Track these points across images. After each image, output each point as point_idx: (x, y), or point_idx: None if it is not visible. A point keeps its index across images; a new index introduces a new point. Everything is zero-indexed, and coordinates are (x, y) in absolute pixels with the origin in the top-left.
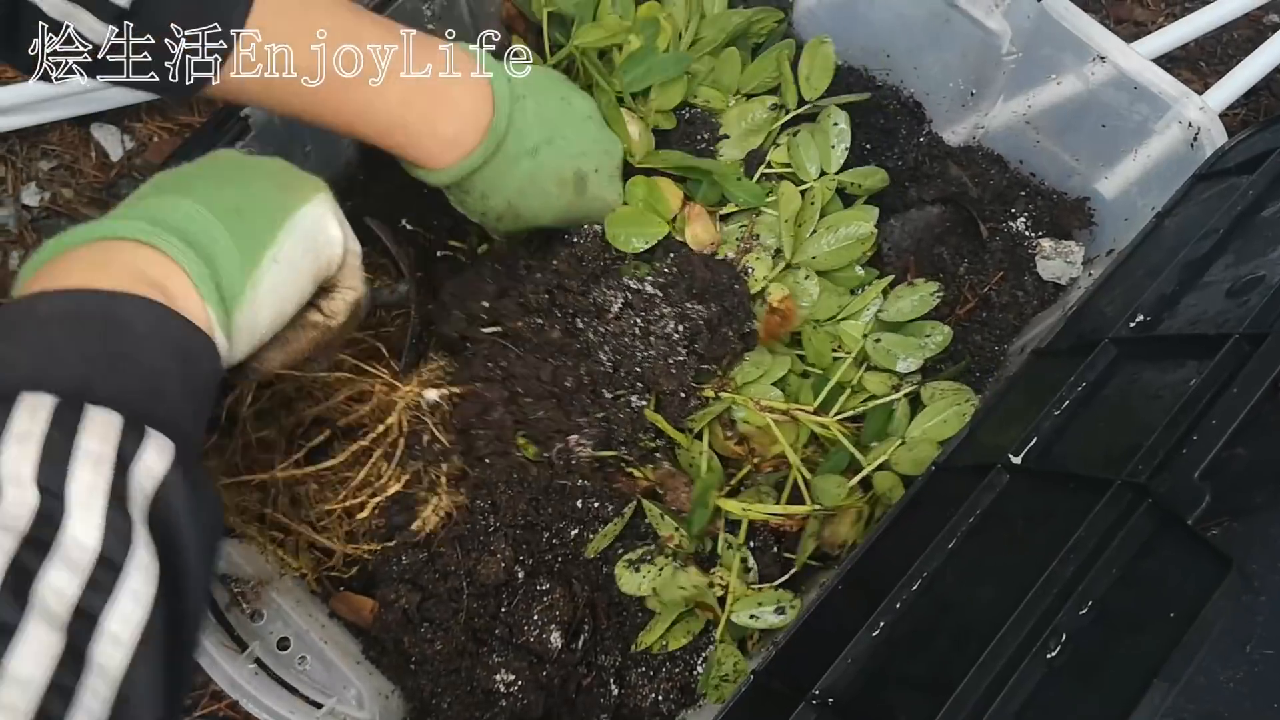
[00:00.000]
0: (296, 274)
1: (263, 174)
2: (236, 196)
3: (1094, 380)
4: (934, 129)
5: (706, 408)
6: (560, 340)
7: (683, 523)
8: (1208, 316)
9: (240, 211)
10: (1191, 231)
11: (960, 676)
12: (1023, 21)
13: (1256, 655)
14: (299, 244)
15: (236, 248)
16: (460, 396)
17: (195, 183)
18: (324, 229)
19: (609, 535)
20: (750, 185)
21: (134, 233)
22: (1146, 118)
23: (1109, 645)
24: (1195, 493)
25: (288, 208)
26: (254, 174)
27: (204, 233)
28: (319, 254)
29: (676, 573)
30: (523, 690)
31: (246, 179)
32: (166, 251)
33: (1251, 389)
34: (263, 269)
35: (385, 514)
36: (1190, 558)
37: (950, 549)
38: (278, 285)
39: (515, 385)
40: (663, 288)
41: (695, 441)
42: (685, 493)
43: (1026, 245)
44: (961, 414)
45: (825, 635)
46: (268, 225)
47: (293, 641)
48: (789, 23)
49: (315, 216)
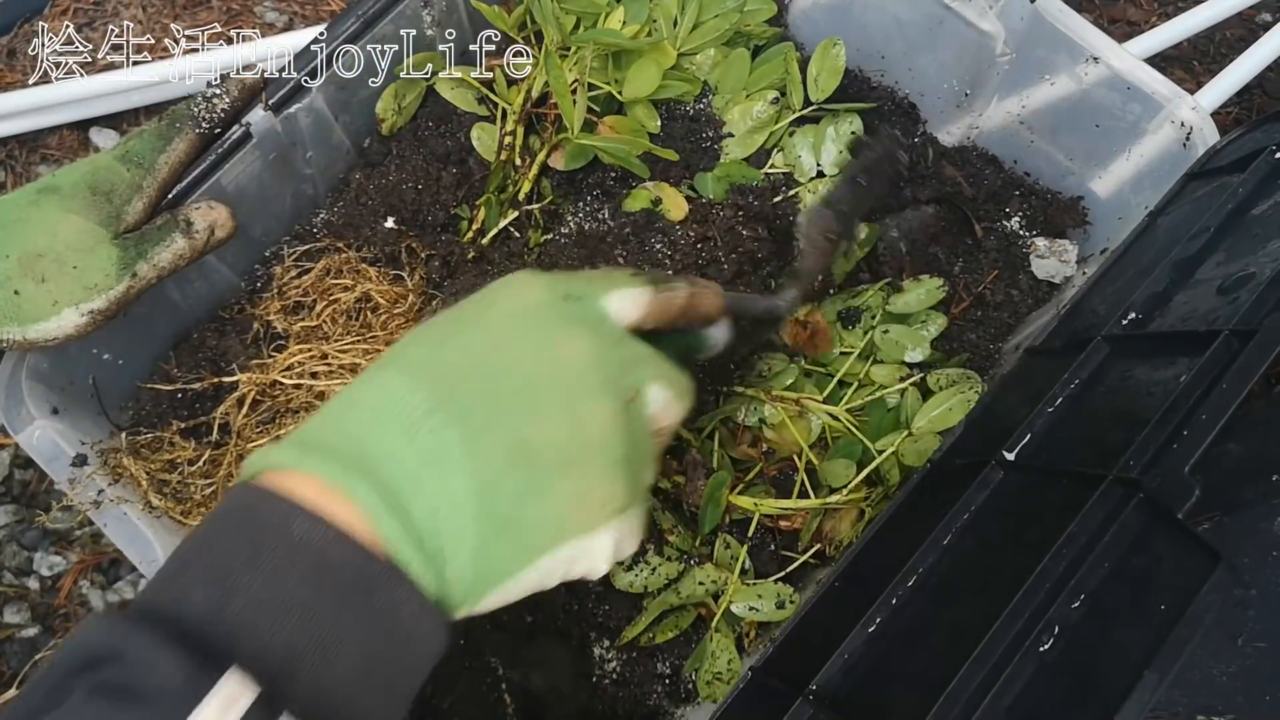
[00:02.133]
0: (534, 588)
1: (574, 441)
2: (517, 491)
3: (1087, 378)
4: (929, 129)
5: (720, 407)
6: None
7: (686, 522)
8: (1199, 314)
9: (507, 525)
10: (1183, 230)
11: (954, 671)
12: (1016, 23)
13: (1248, 649)
14: (549, 572)
15: (473, 574)
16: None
17: (488, 424)
18: (590, 562)
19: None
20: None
21: (383, 524)
22: (1139, 117)
23: (1101, 639)
24: (1185, 487)
25: (562, 534)
26: (563, 433)
27: (453, 541)
28: (569, 576)
29: (679, 579)
30: (523, 689)
31: (546, 452)
32: (382, 534)
33: (1241, 384)
34: (489, 597)
35: None
36: (1180, 552)
37: (945, 545)
38: (500, 602)
39: None
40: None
41: (706, 441)
42: (703, 483)
43: (1021, 244)
44: (966, 401)
45: (822, 632)
46: (524, 554)
47: None
48: (784, 24)
49: (588, 550)
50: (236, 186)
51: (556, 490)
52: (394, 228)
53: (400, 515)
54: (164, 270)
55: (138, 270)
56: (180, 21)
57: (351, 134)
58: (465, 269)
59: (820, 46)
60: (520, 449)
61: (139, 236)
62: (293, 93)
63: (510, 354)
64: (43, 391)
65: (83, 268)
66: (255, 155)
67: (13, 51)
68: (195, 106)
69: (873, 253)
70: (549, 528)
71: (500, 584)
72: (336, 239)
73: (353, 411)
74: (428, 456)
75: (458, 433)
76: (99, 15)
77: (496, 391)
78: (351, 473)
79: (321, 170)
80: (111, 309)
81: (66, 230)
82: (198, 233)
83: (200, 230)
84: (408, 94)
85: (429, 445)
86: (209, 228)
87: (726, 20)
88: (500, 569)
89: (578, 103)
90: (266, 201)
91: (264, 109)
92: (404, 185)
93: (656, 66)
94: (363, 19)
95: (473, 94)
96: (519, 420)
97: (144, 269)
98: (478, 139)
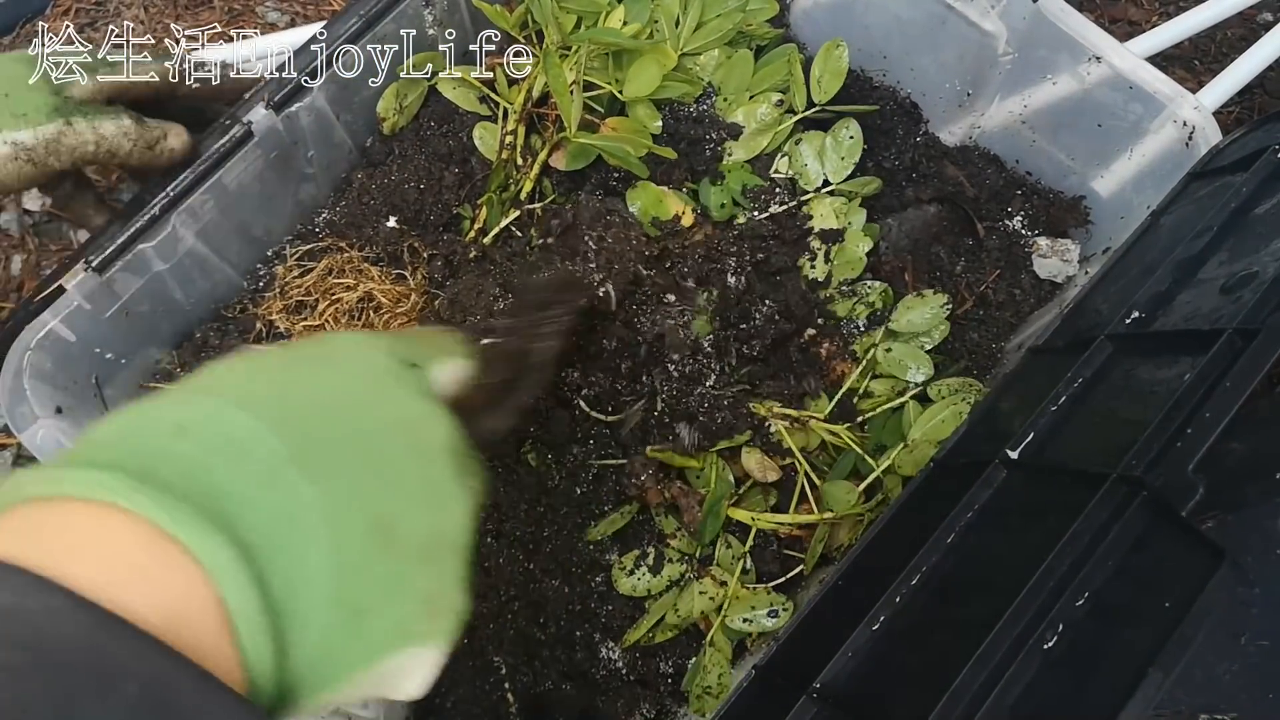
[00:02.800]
0: (339, 703)
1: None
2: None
3: (1090, 376)
4: (930, 129)
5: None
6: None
7: (692, 533)
8: (1202, 313)
9: (360, 616)
10: (1186, 229)
11: (958, 669)
12: (1018, 22)
13: (1251, 647)
14: (374, 684)
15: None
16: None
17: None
18: (412, 681)
19: (614, 524)
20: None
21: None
22: (1141, 117)
23: (1105, 636)
24: (1189, 485)
25: (408, 637)
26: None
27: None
28: (375, 693)
29: (680, 586)
30: (526, 688)
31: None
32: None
33: (1244, 383)
34: (315, 700)
35: None
36: (1184, 549)
37: (948, 544)
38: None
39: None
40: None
41: (706, 455)
42: (698, 510)
43: (1023, 244)
44: (958, 412)
45: (825, 630)
46: (371, 651)
47: None
48: (786, 24)
49: (419, 665)
50: (238, 185)
51: (414, 586)
52: (396, 227)
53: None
54: (105, 139)
55: (74, 121)
56: (182, 21)
57: (353, 133)
58: (467, 268)
59: (824, 48)
60: (381, 531)
61: (86, 103)
62: (294, 91)
63: (364, 418)
64: (46, 391)
65: (15, 97)
66: (257, 154)
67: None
68: (182, 58)
69: (874, 252)
70: (398, 628)
71: (334, 686)
72: (339, 238)
73: (184, 441)
74: (283, 515)
75: (316, 495)
76: (101, 15)
77: (352, 457)
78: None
79: (323, 169)
80: (38, 153)
81: (7, 68)
82: (150, 125)
83: (153, 124)
84: (409, 93)
85: (285, 502)
86: (163, 130)
87: (729, 20)
88: (339, 669)
89: (575, 102)
90: (268, 200)
91: (265, 107)
92: (406, 185)
93: (657, 66)
94: (364, 18)
95: (474, 93)
96: (380, 496)
97: (81, 125)
98: (479, 138)
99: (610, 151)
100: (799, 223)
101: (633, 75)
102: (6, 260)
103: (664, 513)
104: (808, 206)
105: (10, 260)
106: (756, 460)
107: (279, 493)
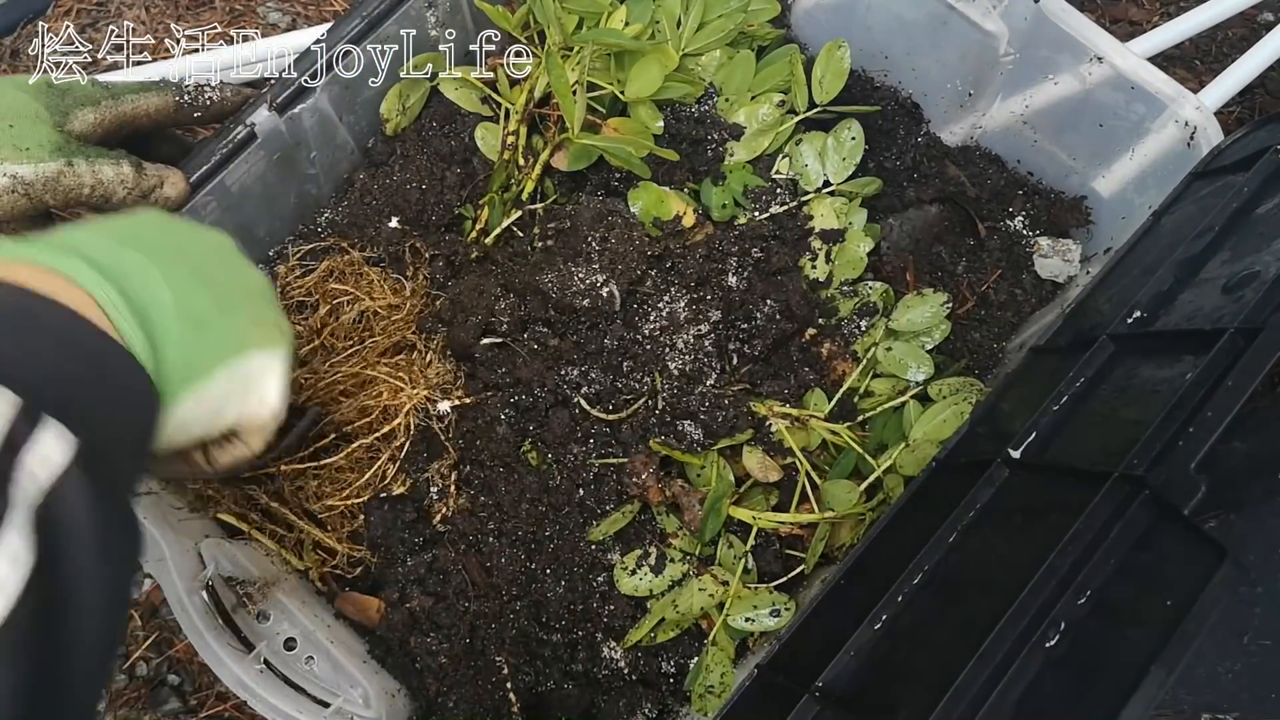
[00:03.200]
0: (215, 416)
1: (243, 286)
2: (207, 305)
3: (1092, 376)
4: (932, 129)
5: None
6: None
7: (693, 532)
8: (1204, 312)
9: (202, 326)
10: (1188, 229)
11: (961, 667)
12: (1020, 23)
13: (1254, 646)
14: (237, 388)
15: (182, 366)
16: (470, 406)
17: (170, 254)
18: (267, 386)
19: (616, 523)
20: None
21: (94, 290)
22: (1143, 117)
23: (1107, 634)
24: (1191, 483)
25: (246, 343)
26: (233, 279)
27: (162, 332)
28: (245, 407)
29: (681, 584)
30: (528, 688)
31: (225, 285)
32: (104, 308)
33: (1246, 382)
34: (186, 397)
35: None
36: (1186, 547)
37: (950, 543)
38: (189, 417)
39: (521, 392)
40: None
41: (707, 453)
42: (699, 509)
43: (1024, 244)
44: (960, 412)
45: (827, 630)
46: (218, 354)
47: (299, 641)
48: (787, 24)
49: (267, 369)
50: (241, 186)
51: (238, 310)
52: (398, 227)
53: (129, 307)
54: (102, 183)
55: (75, 163)
56: (183, 22)
57: (356, 134)
58: (469, 268)
59: (825, 48)
60: (203, 277)
61: (89, 144)
62: (297, 93)
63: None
64: None
65: (19, 130)
66: (260, 155)
67: (15, 52)
68: (186, 84)
69: (876, 252)
70: (236, 335)
71: (202, 376)
72: (341, 238)
73: (72, 233)
74: (133, 269)
75: (150, 259)
76: (102, 15)
77: (177, 256)
78: (90, 274)
79: (326, 170)
80: (36, 189)
81: (12, 97)
82: (148, 174)
83: (151, 173)
84: (412, 94)
85: (132, 261)
86: (159, 177)
87: (730, 21)
88: (200, 361)
89: (578, 103)
90: (271, 201)
91: (269, 109)
92: (408, 185)
93: (659, 67)
94: (367, 19)
95: (476, 94)
96: (199, 260)
97: (82, 167)
98: (481, 139)
99: (613, 152)
100: (799, 223)
101: (635, 76)
102: None
103: (665, 512)
104: (808, 207)
105: None
106: (757, 460)
107: (126, 255)
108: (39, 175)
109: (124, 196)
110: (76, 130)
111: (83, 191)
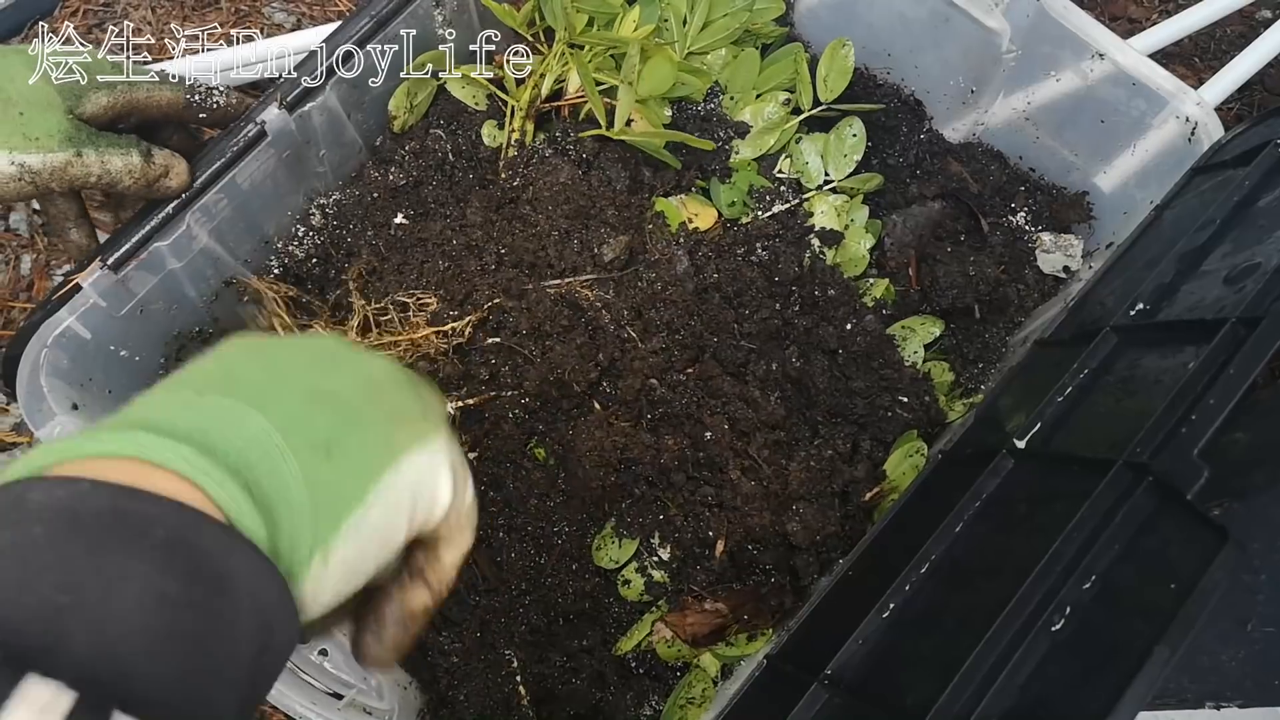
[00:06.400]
0: (382, 543)
1: (367, 385)
2: (330, 424)
3: (1096, 367)
4: (934, 126)
5: None
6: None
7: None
8: (1205, 303)
9: (330, 450)
10: (1189, 223)
11: (968, 652)
12: (1022, 20)
13: (1257, 634)
14: (395, 505)
15: (312, 506)
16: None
17: (273, 383)
18: (432, 487)
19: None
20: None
21: (171, 461)
22: (1144, 113)
23: (1111, 617)
24: (1194, 469)
25: (394, 451)
26: (355, 381)
27: (272, 476)
28: (415, 517)
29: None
30: (537, 681)
31: (346, 394)
32: (213, 497)
33: (1248, 369)
34: (339, 539)
35: None
36: (1189, 532)
37: (957, 532)
38: (352, 559)
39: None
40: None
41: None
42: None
43: (1027, 239)
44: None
45: (836, 619)
46: (362, 476)
47: None
48: (790, 23)
49: (426, 469)
50: (251, 184)
51: (369, 415)
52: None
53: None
54: (109, 173)
55: (84, 153)
56: (189, 22)
57: (364, 132)
58: None
59: (829, 47)
60: (315, 393)
61: (99, 132)
62: (306, 92)
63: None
64: (62, 388)
65: (29, 118)
66: (270, 153)
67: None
68: (197, 85)
69: (879, 249)
70: (379, 447)
71: (347, 515)
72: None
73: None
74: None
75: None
76: (109, 15)
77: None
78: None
79: (334, 168)
80: (44, 177)
81: (25, 82)
82: (155, 163)
83: (158, 162)
84: (419, 92)
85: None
86: (165, 166)
87: (735, 19)
88: (339, 496)
89: (622, 100)
90: (281, 199)
91: (279, 107)
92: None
93: (670, 65)
94: (375, 19)
95: (482, 92)
96: (307, 378)
97: (91, 157)
98: (488, 136)
99: (641, 145)
100: (799, 220)
101: (646, 74)
102: (16, 260)
103: (662, 541)
104: (808, 204)
105: (20, 260)
106: None
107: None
108: (46, 165)
109: (129, 185)
110: (88, 113)
111: (89, 180)
